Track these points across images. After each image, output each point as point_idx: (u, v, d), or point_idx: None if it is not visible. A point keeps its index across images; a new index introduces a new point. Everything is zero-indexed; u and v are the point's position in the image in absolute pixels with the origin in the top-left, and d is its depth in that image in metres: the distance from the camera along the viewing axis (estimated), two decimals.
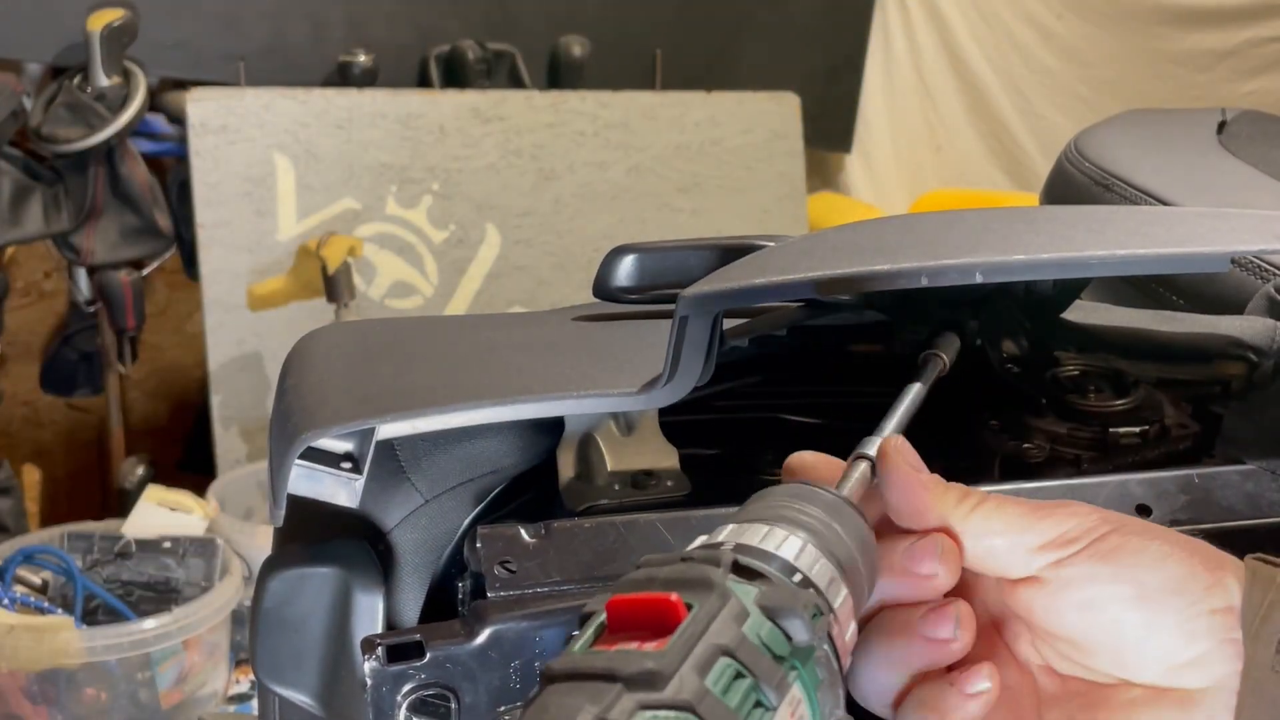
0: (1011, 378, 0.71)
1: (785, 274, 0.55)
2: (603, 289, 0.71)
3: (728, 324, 0.64)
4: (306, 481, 0.57)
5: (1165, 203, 1.06)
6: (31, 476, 2.45)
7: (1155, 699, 0.46)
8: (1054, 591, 0.47)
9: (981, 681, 0.46)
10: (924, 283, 0.53)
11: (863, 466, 0.50)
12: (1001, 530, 0.47)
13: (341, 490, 0.57)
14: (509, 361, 0.65)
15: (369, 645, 0.54)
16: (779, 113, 2.80)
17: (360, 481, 0.57)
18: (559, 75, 2.64)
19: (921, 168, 3.28)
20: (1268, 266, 0.93)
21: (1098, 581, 0.46)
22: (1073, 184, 1.17)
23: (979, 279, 0.52)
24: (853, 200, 3.15)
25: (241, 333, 2.26)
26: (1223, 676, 0.45)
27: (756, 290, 0.56)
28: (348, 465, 0.57)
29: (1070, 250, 0.54)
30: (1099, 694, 0.47)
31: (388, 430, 0.57)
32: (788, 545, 0.43)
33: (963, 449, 0.70)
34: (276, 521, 0.57)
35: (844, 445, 0.74)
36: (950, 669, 0.47)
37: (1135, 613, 0.45)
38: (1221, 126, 1.24)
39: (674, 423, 0.65)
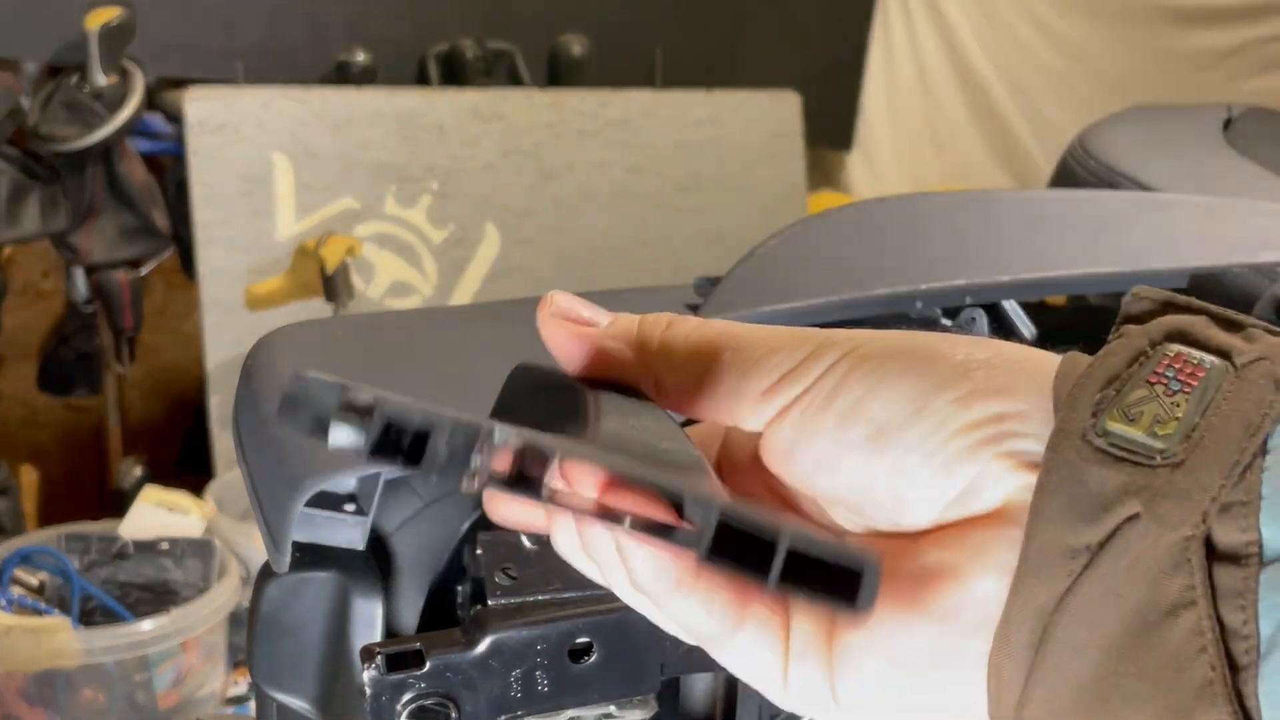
0: None
1: (794, 298, 0.57)
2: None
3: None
4: (307, 528, 0.54)
5: None
6: (29, 477, 2.44)
7: (955, 535, 0.36)
8: (787, 451, 0.38)
9: None
10: (919, 307, 0.58)
11: None
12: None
13: (345, 533, 0.55)
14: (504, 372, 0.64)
15: (368, 654, 0.53)
16: (779, 111, 2.79)
17: (367, 523, 0.55)
18: (558, 74, 2.63)
19: (923, 166, 3.27)
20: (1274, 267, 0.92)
21: (820, 433, 0.37)
22: (1077, 182, 1.16)
23: (969, 302, 0.53)
24: (854, 199, 3.15)
25: (239, 333, 2.25)
26: (1013, 490, 0.35)
27: (773, 316, 0.56)
28: (351, 508, 0.55)
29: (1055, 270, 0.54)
30: (897, 545, 0.37)
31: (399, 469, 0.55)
32: None
33: None
34: (282, 568, 0.55)
35: None
36: None
37: (876, 458, 0.36)
38: (1227, 124, 1.24)
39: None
